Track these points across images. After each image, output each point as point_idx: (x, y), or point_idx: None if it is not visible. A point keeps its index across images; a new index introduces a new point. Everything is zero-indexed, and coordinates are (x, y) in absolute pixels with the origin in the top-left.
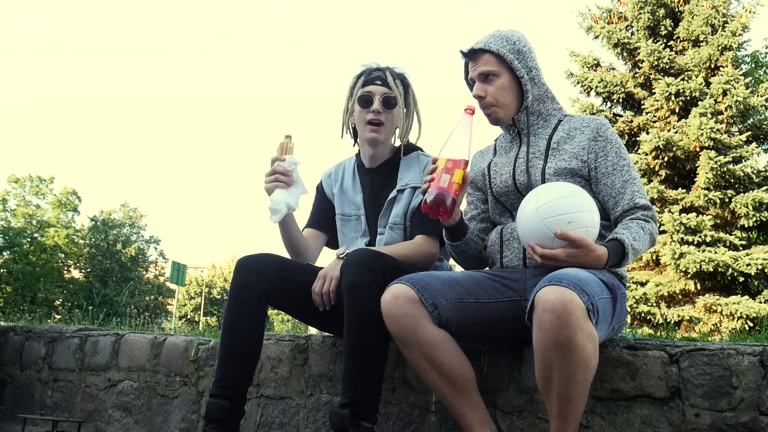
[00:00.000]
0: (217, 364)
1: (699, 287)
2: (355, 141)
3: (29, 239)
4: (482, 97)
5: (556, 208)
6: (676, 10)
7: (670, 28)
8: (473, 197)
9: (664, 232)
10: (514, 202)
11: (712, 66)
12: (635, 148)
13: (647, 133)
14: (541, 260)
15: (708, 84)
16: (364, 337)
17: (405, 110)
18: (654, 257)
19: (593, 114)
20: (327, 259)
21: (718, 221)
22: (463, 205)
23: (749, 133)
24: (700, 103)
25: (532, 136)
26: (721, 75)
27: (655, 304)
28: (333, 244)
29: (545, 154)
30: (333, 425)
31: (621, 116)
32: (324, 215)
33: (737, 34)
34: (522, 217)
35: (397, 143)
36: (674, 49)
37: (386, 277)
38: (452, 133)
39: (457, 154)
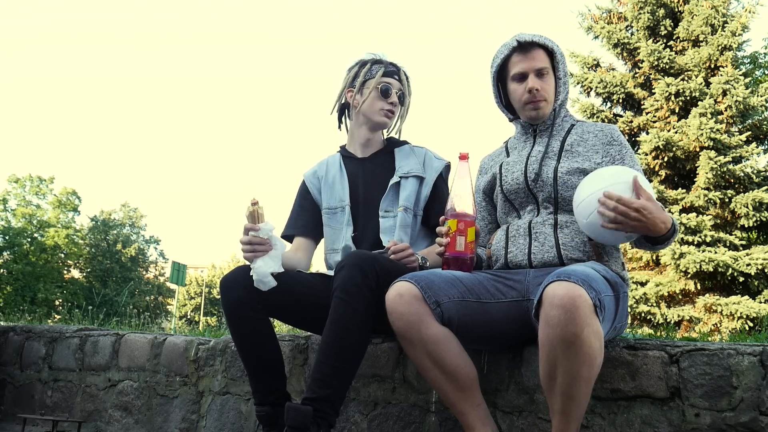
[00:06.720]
0: (248, 376)
1: (699, 287)
2: (341, 124)
3: (29, 239)
4: (537, 90)
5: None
6: (676, 10)
7: (670, 28)
8: (483, 208)
9: None
10: (522, 201)
11: (712, 66)
12: (635, 148)
13: (647, 133)
14: (620, 212)
15: (708, 84)
16: (344, 336)
17: (405, 108)
18: (654, 257)
19: (593, 114)
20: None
21: (718, 221)
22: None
23: (749, 133)
24: (700, 103)
25: (547, 137)
26: (721, 75)
27: (655, 304)
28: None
29: (558, 154)
30: (291, 421)
31: (621, 116)
32: (311, 218)
33: (737, 34)
34: (583, 194)
35: (386, 135)
36: (674, 49)
37: (380, 281)
38: (453, 187)
39: (465, 211)
